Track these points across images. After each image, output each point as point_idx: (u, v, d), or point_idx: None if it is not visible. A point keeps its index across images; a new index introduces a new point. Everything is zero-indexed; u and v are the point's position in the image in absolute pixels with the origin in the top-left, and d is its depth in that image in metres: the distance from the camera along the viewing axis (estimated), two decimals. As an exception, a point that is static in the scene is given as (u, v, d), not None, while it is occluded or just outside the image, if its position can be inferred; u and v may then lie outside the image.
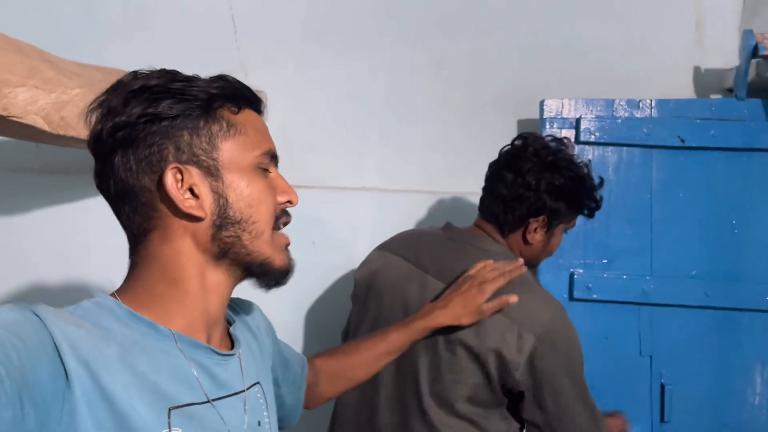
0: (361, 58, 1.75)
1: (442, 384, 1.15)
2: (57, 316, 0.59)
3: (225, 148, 0.68)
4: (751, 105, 1.56)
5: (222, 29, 1.76)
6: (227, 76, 0.71)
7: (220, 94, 0.69)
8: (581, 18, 1.72)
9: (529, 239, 1.23)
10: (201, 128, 0.67)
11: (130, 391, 0.59)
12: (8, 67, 1.01)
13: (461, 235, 1.26)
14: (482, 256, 1.19)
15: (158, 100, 0.65)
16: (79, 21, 1.77)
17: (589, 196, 1.25)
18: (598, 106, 1.60)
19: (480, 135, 1.73)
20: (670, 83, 1.70)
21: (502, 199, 1.22)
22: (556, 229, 1.25)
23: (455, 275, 1.18)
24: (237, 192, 0.68)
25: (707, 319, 1.56)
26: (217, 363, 0.69)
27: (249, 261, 0.70)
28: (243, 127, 0.70)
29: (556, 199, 1.20)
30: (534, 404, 1.13)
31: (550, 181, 1.19)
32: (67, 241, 1.74)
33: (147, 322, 0.65)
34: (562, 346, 1.13)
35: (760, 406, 1.56)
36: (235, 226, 0.68)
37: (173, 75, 0.68)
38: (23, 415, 0.51)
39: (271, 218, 0.71)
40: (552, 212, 1.21)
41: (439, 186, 1.74)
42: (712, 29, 1.70)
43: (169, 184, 0.65)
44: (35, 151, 1.72)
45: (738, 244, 1.57)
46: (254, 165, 0.70)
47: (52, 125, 1.10)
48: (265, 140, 0.73)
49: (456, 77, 1.74)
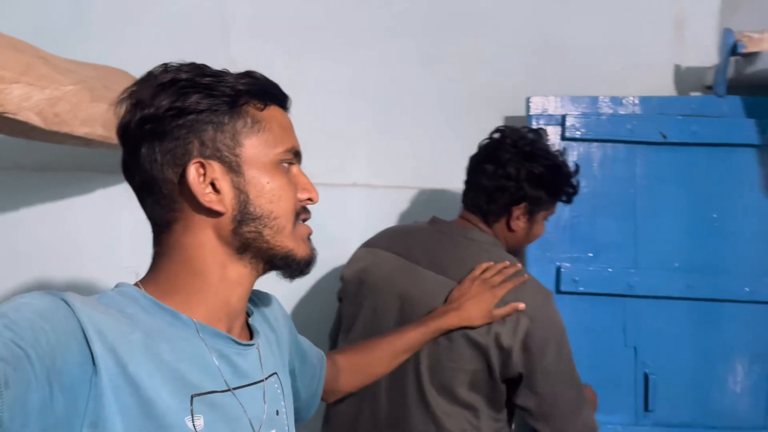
0: (351, 55, 1.77)
1: (442, 372, 1.18)
2: (85, 303, 0.60)
3: (248, 144, 0.69)
4: (730, 102, 1.60)
5: (211, 25, 1.77)
6: (255, 73, 0.72)
7: (247, 91, 0.70)
8: (567, 17, 1.76)
9: (513, 227, 1.27)
10: (226, 124, 0.68)
11: (155, 378, 0.61)
12: (3, 64, 1.02)
13: (449, 227, 1.30)
14: (472, 246, 1.23)
15: (187, 94, 0.66)
16: (66, 17, 1.77)
17: (567, 182, 1.29)
18: (583, 104, 1.64)
19: (468, 132, 1.74)
20: (653, 81, 1.74)
21: (485, 190, 1.26)
22: (538, 216, 1.30)
23: (448, 266, 1.21)
24: (258, 188, 0.69)
25: (689, 310, 1.61)
26: (237, 353, 0.70)
27: (272, 254, 0.71)
28: (267, 123, 0.71)
29: (536, 187, 1.24)
30: (526, 387, 1.17)
31: (530, 170, 1.23)
32: (59, 238, 1.74)
33: (170, 311, 0.66)
34: (553, 327, 1.18)
35: (741, 394, 1.61)
36: (256, 221, 0.69)
37: (202, 69, 0.69)
38: (52, 398, 0.52)
39: (291, 213, 0.72)
40: (533, 200, 1.25)
41: (429, 182, 1.77)
42: (692, 28, 1.75)
43: (191, 178, 0.66)
44: (27, 149, 1.72)
45: (719, 237, 1.61)
46: (276, 161, 0.71)
47: (46, 121, 1.11)
48: (289, 137, 0.74)
49: (444, 75, 1.77)
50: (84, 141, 1.28)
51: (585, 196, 1.62)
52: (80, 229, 1.73)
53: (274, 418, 0.73)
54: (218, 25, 1.77)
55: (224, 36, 1.78)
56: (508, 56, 1.76)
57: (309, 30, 1.78)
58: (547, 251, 1.62)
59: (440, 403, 1.18)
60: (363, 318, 1.28)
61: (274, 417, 0.73)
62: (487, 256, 1.22)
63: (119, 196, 1.72)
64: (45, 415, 0.51)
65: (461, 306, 1.15)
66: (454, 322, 1.14)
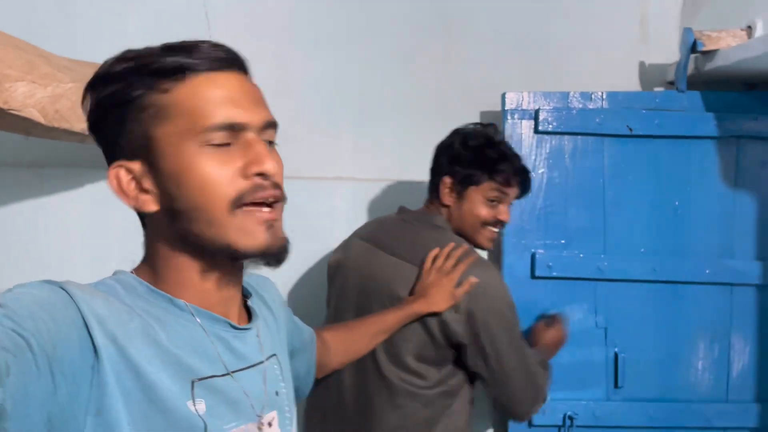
0: (334, 52, 1.83)
1: (393, 343, 1.29)
2: (84, 291, 0.60)
3: (158, 135, 0.63)
4: (690, 96, 1.70)
5: (196, 25, 1.81)
6: (149, 49, 0.64)
7: (139, 76, 0.62)
8: (539, 16, 1.85)
9: (445, 201, 1.37)
10: (135, 119, 0.63)
11: (155, 364, 0.60)
12: (8, 63, 1.07)
13: (412, 215, 1.42)
14: (425, 230, 1.36)
15: (102, 92, 0.64)
16: (52, 15, 1.79)
17: (487, 161, 1.33)
18: (555, 99, 1.73)
19: (446, 126, 1.82)
20: (619, 77, 1.84)
21: (430, 174, 1.42)
22: (468, 193, 1.35)
23: (404, 249, 1.34)
24: (177, 181, 0.63)
25: (655, 292, 1.71)
26: (234, 336, 0.70)
27: (211, 249, 0.65)
28: (177, 105, 0.63)
29: (452, 161, 1.36)
30: (476, 353, 1.28)
31: (449, 144, 1.38)
32: (49, 233, 1.77)
33: (166, 297, 0.66)
34: (496, 298, 1.29)
35: (704, 369, 1.72)
36: (183, 216, 0.64)
37: (114, 60, 0.64)
38: (54, 386, 0.52)
39: (226, 200, 0.63)
40: (453, 173, 1.35)
41: (410, 175, 1.84)
42: (655, 27, 1.86)
43: (112, 185, 0.65)
44: (26, 145, 1.75)
45: (681, 223, 1.71)
46: (199, 145, 0.63)
47: (47, 118, 1.16)
48: (219, 110, 0.63)
49: (423, 71, 1.85)
50: (80, 137, 1.33)
51: (557, 187, 1.72)
52: (70, 224, 1.76)
53: (274, 399, 0.72)
54: (202, 22, 1.81)
55: (208, 33, 1.82)
56: (484, 54, 1.84)
57: (292, 29, 1.83)
58: (522, 239, 1.71)
59: (392, 371, 1.29)
60: (334, 296, 1.43)
61: (275, 398, 0.73)
62: (434, 241, 1.33)
63: (109, 191, 1.76)
64: (47, 403, 0.51)
65: (426, 294, 1.26)
66: (423, 309, 1.25)
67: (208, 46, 0.65)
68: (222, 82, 0.64)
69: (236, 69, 0.66)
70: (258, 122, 0.65)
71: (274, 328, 0.82)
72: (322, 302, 1.53)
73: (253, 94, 0.67)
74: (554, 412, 1.68)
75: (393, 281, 1.32)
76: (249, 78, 0.69)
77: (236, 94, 0.64)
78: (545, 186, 1.72)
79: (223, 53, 0.65)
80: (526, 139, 1.72)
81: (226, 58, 0.65)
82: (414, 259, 1.31)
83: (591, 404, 1.69)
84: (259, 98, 0.68)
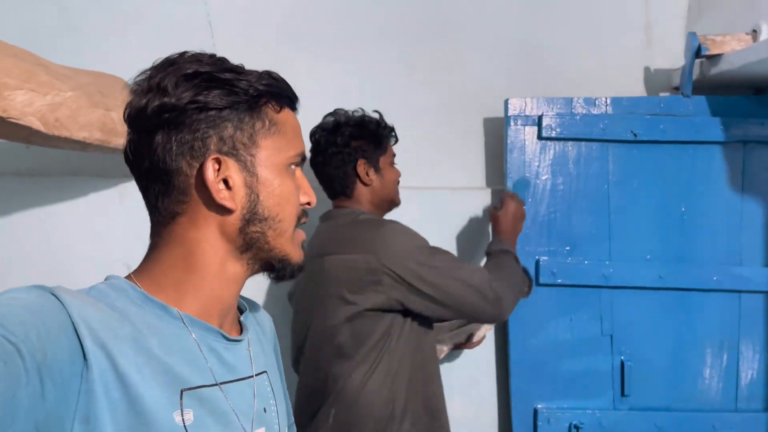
0: (336, 60, 1.83)
1: (323, 330, 1.36)
2: (74, 297, 0.59)
3: (264, 145, 0.70)
4: (696, 101, 1.69)
5: (199, 33, 1.81)
6: (274, 74, 0.73)
7: (267, 92, 0.70)
8: (542, 22, 1.84)
9: (368, 182, 1.46)
10: (245, 123, 0.69)
11: (144, 373, 0.60)
12: (6, 71, 1.06)
13: (327, 216, 1.49)
14: (343, 221, 1.43)
15: (209, 89, 0.67)
16: (54, 24, 1.79)
17: (377, 125, 1.49)
18: (558, 104, 1.71)
19: (450, 133, 1.83)
20: (623, 82, 1.83)
21: (329, 175, 1.46)
22: (381, 164, 1.48)
23: (327, 245, 1.40)
24: (269, 189, 0.70)
25: (661, 299, 1.69)
26: (225, 347, 0.70)
27: (271, 256, 0.72)
28: (283, 126, 0.72)
29: (360, 141, 1.45)
30: (417, 297, 1.31)
31: (343, 133, 1.45)
32: (50, 242, 1.77)
33: (159, 304, 0.66)
34: (402, 244, 1.33)
35: (712, 378, 1.69)
36: (263, 222, 0.70)
37: (223, 63, 0.70)
38: (43, 392, 0.52)
39: (294, 217, 0.73)
40: (364, 153, 1.45)
41: (412, 181, 1.82)
42: (659, 32, 1.84)
43: (207, 173, 0.66)
44: (27, 154, 1.75)
45: (687, 230, 1.70)
46: (287, 164, 0.72)
47: (47, 126, 1.15)
48: (299, 141, 0.75)
49: (426, 78, 1.84)
50: (81, 145, 1.32)
51: (561, 193, 1.71)
52: (72, 232, 1.76)
53: (262, 416, 0.72)
54: (205, 30, 1.82)
55: (211, 41, 1.82)
56: (488, 60, 1.83)
57: (294, 38, 1.83)
58: (526, 245, 1.69)
59: (326, 355, 1.35)
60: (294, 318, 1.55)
61: (263, 414, 0.73)
62: (371, 226, 1.38)
63: (111, 200, 1.76)
64: (35, 409, 0.51)
65: None
66: None
67: (293, 90, 0.76)
68: (297, 120, 0.77)
69: (297, 112, 0.78)
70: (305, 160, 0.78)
71: (267, 347, 0.83)
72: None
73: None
74: (559, 421, 1.66)
75: (339, 278, 1.34)
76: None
77: (301, 133, 0.77)
78: (549, 192, 1.71)
79: (298, 99, 0.77)
80: (530, 145, 1.71)
81: (298, 102, 0.78)
82: (358, 249, 1.33)
83: (597, 413, 1.67)
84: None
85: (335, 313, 1.33)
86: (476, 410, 1.80)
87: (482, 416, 1.77)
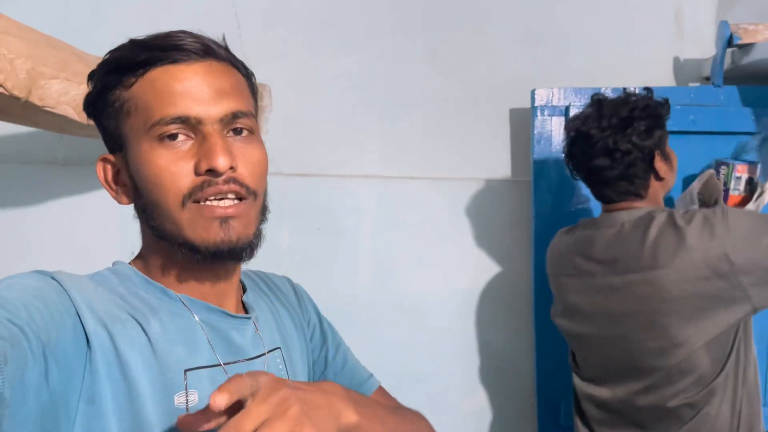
0: (361, 50, 1.83)
1: None
2: (74, 281, 0.61)
3: (126, 130, 0.65)
4: (727, 92, 1.66)
5: (225, 24, 1.83)
6: (121, 45, 0.65)
7: (109, 73, 0.65)
8: (569, 11, 1.82)
9: (662, 175, 1.29)
10: (109, 115, 0.66)
11: (146, 354, 0.60)
12: (43, 61, 1.09)
13: (603, 221, 1.31)
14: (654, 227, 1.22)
15: (90, 89, 0.68)
16: (83, 16, 1.83)
17: (664, 110, 1.33)
18: (586, 95, 1.68)
19: (475, 123, 1.82)
20: (652, 72, 1.80)
21: (622, 176, 1.26)
22: (665, 150, 1.32)
23: (624, 258, 1.24)
24: (140, 173, 0.64)
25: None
26: (232, 326, 0.69)
27: (174, 243, 0.65)
28: (135, 100, 0.63)
29: (649, 134, 1.27)
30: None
31: (637, 128, 1.26)
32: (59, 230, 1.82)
33: (159, 287, 0.66)
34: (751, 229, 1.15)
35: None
36: (147, 210, 0.65)
37: (108, 58, 0.66)
38: (47, 372, 0.52)
39: (179, 195, 0.62)
40: (657, 144, 1.28)
41: (438, 172, 1.83)
42: (690, 21, 1.81)
43: (99, 176, 0.68)
44: (60, 143, 1.78)
45: (717, 222, 1.67)
46: (154, 139, 0.62)
47: (81, 115, 1.18)
48: (170, 103, 0.62)
49: (451, 69, 1.83)
50: (113, 134, 1.35)
51: (588, 184, 1.69)
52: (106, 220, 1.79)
53: None
54: (232, 23, 1.83)
55: (238, 31, 1.84)
56: (513, 50, 1.82)
57: (320, 27, 1.84)
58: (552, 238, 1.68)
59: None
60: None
61: None
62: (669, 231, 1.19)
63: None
64: (41, 390, 0.52)
65: None
66: None
67: (175, 37, 0.63)
68: (180, 74, 0.62)
69: (210, 58, 0.64)
70: (216, 114, 0.63)
71: (282, 322, 0.79)
72: (346, 299, 1.52)
73: (217, 85, 0.63)
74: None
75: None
76: (227, 67, 0.66)
77: (193, 86, 0.62)
78: (577, 183, 1.69)
79: (192, 43, 0.63)
80: (557, 136, 1.70)
81: (193, 49, 0.63)
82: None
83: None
84: (225, 88, 0.64)
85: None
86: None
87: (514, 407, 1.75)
